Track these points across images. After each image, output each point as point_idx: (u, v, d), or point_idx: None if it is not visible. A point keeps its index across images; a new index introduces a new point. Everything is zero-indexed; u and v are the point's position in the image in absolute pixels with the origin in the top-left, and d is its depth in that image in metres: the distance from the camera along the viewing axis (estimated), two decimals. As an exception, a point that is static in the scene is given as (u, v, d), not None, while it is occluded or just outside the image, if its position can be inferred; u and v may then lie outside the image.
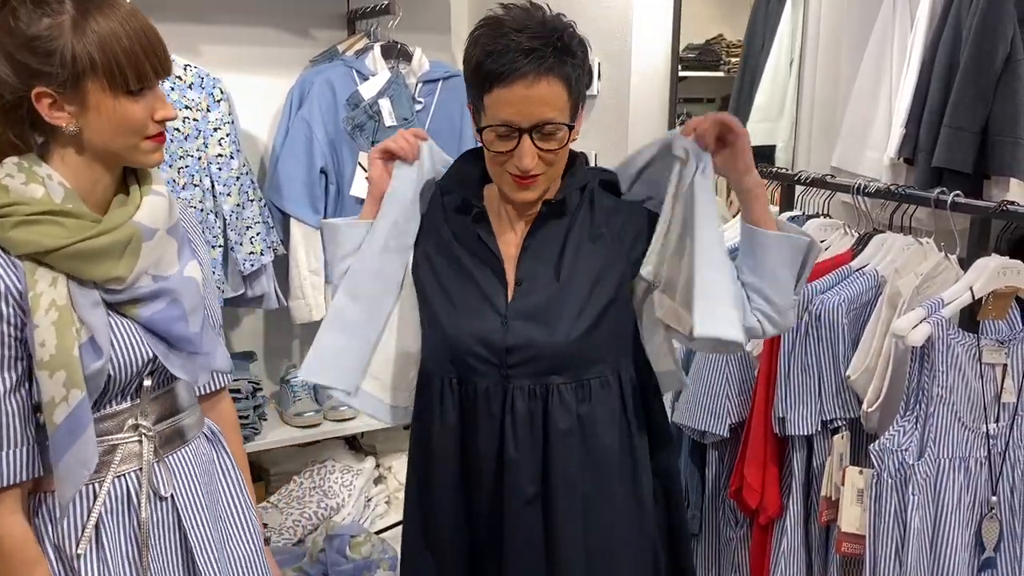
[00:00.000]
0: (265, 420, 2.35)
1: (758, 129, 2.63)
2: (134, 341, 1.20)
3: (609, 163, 2.27)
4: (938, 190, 1.72)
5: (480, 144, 1.34)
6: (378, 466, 2.60)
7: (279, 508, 2.32)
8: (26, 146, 1.17)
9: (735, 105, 2.72)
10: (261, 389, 2.35)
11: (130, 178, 1.22)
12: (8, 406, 1.12)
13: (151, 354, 1.21)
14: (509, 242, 1.38)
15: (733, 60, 2.89)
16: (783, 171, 2.21)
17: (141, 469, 1.23)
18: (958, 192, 1.71)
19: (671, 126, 2.30)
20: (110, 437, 1.21)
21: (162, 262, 1.22)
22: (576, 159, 1.39)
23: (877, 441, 1.62)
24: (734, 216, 2.44)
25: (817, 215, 2.08)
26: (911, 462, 1.57)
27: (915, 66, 2.23)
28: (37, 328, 1.10)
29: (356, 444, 2.70)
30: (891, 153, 2.25)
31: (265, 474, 2.56)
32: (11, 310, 1.11)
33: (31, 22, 1.09)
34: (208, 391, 1.42)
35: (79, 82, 1.09)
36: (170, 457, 1.27)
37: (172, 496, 1.26)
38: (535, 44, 1.21)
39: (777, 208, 2.24)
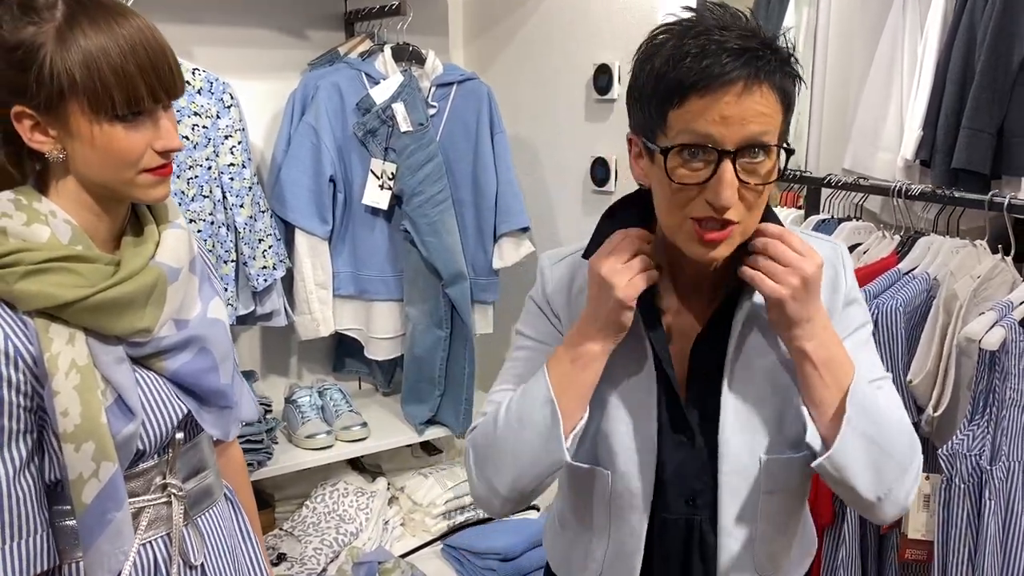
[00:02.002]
0: (276, 444, 2.22)
1: (763, 132, 2.63)
2: (165, 397, 1.06)
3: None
4: (992, 192, 1.72)
5: (641, 185, 1.04)
6: (388, 486, 2.49)
7: (295, 536, 2.20)
8: (21, 174, 1.01)
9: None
10: (271, 411, 2.22)
11: (141, 210, 1.08)
12: (19, 489, 0.96)
13: (184, 410, 1.07)
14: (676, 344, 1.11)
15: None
16: (809, 174, 2.20)
17: (169, 535, 1.09)
18: (1014, 194, 1.72)
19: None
20: (136, 499, 1.06)
21: (184, 304, 1.08)
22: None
23: (946, 445, 1.61)
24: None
25: (848, 218, 2.07)
26: (986, 466, 1.56)
27: (929, 68, 2.25)
28: (58, 395, 0.95)
29: (361, 464, 2.59)
30: (908, 155, 2.27)
31: (271, 499, 2.42)
32: (21, 376, 0.95)
33: (15, 29, 0.94)
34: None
35: (60, 103, 0.94)
36: (200, 519, 1.14)
37: (203, 564, 1.13)
38: (749, 44, 0.92)
39: (802, 213, 2.24)
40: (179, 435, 1.09)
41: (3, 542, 0.96)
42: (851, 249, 2.00)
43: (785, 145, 0.98)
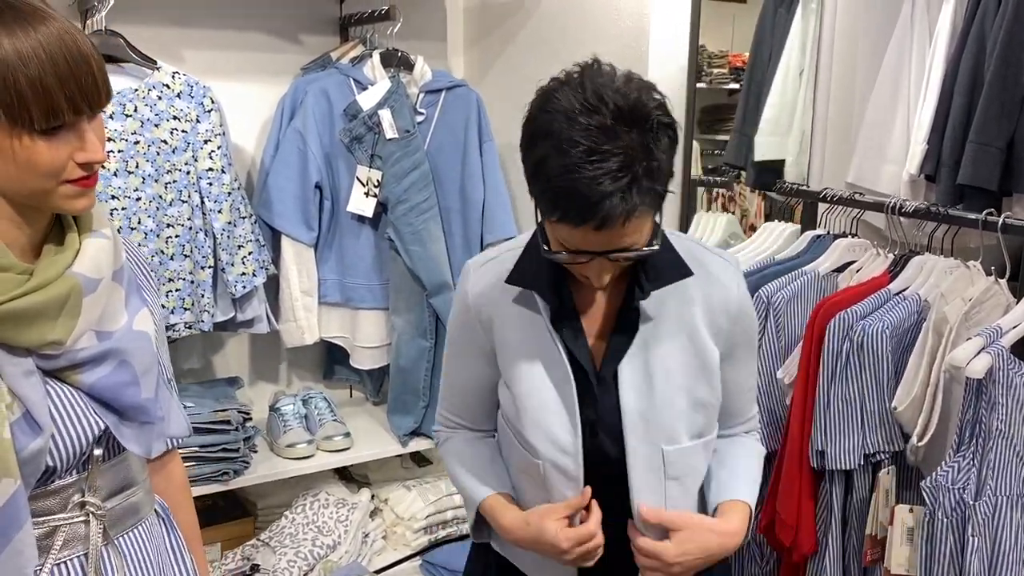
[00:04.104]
0: (256, 452, 2.20)
1: (767, 143, 2.55)
2: (79, 412, 1.01)
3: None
4: (986, 211, 1.64)
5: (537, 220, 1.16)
6: (372, 498, 2.45)
7: (271, 547, 2.17)
8: None
9: (741, 117, 2.64)
10: (251, 419, 2.19)
11: (65, 218, 1.03)
12: None
13: (102, 425, 1.03)
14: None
15: (715, 71, 2.83)
16: (805, 188, 2.12)
17: (87, 555, 1.04)
18: (1009, 213, 1.63)
19: (688, 141, 2.19)
20: (51, 517, 1.02)
21: (106, 315, 1.03)
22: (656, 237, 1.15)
23: (929, 477, 1.52)
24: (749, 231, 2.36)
25: (844, 234, 1.98)
26: (970, 501, 1.47)
27: (936, 79, 2.15)
28: None
29: (347, 474, 2.56)
30: (912, 169, 2.17)
31: (253, 508, 2.40)
32: None
33: None
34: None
35: None
36: (121, 539, 1.09)
37: None
38: (617, 174, 1.00)
39: (799, 227, 2.16)
40: (98, 451, 1.05)
41: None
42: (844, 267, 1.92)
43: (653, 247, 1.11)
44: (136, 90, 1.93)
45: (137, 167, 1.92)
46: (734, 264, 1.27)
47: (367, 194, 2.20)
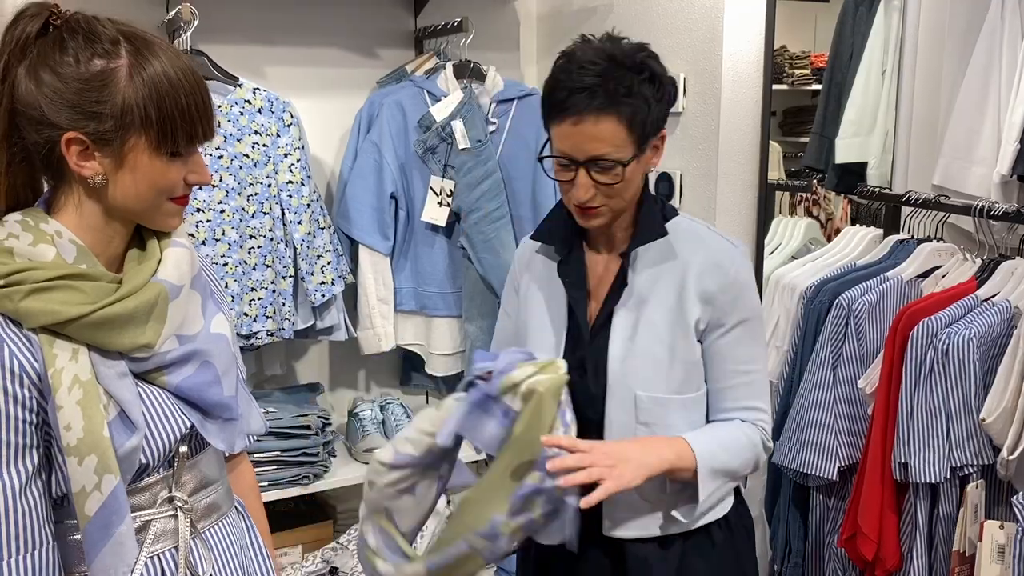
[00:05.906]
0: (334, 456, 2.25)
1: (849, 145, 2.48)
2: (168, 411, 1.07)
3: (697, 182, 2.15)
4: (1082, 213, 1.56)
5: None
6: (449, 503, 2.48)
7: (349, 550, 2.21)
8: (34, 191, 1.05)
9: (821, 119, 2.57)
10: (330, 424, 2.24)
11: (144, 228, 1.10)
12: (24, 503, 0.98)
13: (188, 423, 1.08)
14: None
15: (797, 72, 2.76)
16: (888, 191, 2.06)
17: (177, 548, 1.10)
18: (1106, 215, 1.55)
19: (764, 143, 2.15)
20: (142, 513, 1.07)
21: (187, 319, 1.09)
22: (645, 203, 1.38)
23: (1021, 492, 1.45)
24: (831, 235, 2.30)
25: (929, 239, 1.92)
26: (1065, 518, 1.40)
27: (1029, 76, 2.06)
28: (61, 409, 0.97)
29: (425, 479, 2.59)
30: (1004, 170, 2.08)
31: (332, 511, 2.46)
32: (27, 392, 0.97)
33: (81, 61, 0.97)
34: (230, 453, 1.28)
35: (122, 134, 0.97)
36: (207, 532, 1.15)
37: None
38: (590, 82, 1.23)
39: (881, 232, 2.09)
40: (183, 449, 1.10)
41: (10, 555, 0.98)
42: (929, 273, 1.85)
43: (623, 160, 1.25)
44: (219, 106, 2.01)
45: (221, 180, 2.00)
46: (740, 249, 1.38)
47: (440, 203, 2.23)
